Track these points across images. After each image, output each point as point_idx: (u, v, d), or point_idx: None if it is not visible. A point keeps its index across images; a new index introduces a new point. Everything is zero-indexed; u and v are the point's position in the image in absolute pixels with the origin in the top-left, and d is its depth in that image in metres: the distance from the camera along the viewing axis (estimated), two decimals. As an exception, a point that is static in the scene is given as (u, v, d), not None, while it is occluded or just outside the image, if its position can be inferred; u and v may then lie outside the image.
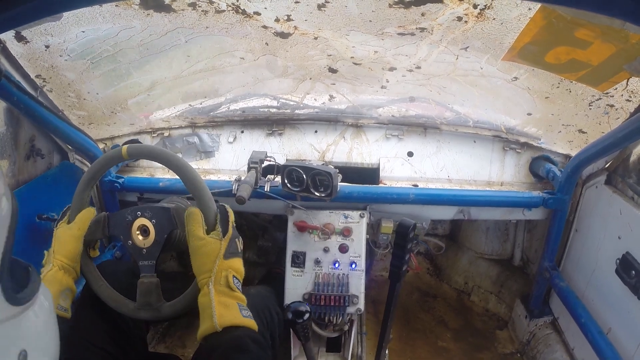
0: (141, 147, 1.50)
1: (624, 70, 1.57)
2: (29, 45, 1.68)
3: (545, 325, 2.52)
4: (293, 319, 1.76)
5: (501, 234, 3.07)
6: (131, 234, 1.47)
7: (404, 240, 1.70)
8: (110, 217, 1.51)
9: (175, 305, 1.45)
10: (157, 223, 1.46)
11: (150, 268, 1.46)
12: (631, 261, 1.82)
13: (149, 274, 1.45)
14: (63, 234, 1.46)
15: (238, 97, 2.39)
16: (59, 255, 1.42)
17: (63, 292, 1.40)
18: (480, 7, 1.43)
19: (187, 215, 1.39)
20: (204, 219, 1.39)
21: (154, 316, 1.46)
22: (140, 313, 1.46)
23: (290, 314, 1.75)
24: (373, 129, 2.46)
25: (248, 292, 1.86)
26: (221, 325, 1.25)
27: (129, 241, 1.47)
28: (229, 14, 1.58)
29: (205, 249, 1.36)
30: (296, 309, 1.76)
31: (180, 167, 1.42)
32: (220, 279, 1.32)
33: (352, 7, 1.49)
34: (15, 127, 1.89)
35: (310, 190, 2.01)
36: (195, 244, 1.36)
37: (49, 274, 1.38)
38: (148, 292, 1.44)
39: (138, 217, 1.47)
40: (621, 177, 1.98)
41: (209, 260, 1.34)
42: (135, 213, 1.47)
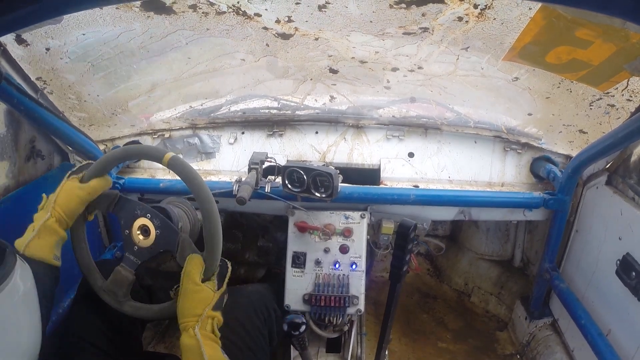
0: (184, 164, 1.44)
1: (625, 70, 1.56)
2: (30, 48, 1.68)
3: (545, 326, 2.51)
4: (289, 331, 1.75)
5: (502, 234, 3.06)
6: (132, 227, 1.48)
7: (405, 241, 1.69)
8: (121, 199, 1.52)
9: (137, 309, 1.48)
10: (160, 235, 1.47)
11: (133, 265, 1.48)
12: (632, 262, 1.82)
13: (129, 267, 1.47)
14: (72, 190, 1.46)
15: (239, 99, 2.39)
16: (59, 207, 1.42)
17: (57, 241, 1.42)
18: (481, 7, 1.43)
19: (190, 259, 1.39)
20: (205, 269, 1.39)
21: (113, 305, 1.49)
22: (103, 294, 1.49)
23: (286, 325, 1.75)
24: (374, 129, 2.46)
25: (246, 289, 1.87)
26: None
27: (126, 231, 1.49)
28: (229, 15, 1.58)
29: (199, 295, 1.37)
30: (292, 321, 1.75)
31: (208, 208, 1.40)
32: (207, 324, 1.34)
33: (352, 8, 1.49)
34: (16, 128, 1.89)
35: (311, 191, 2.01)
36: (190, 287, 1.36)
37: (48, 224, 1.39)
38: (120, 283, 1.47)
39: (147, 217, 1.47)
40: (622, 177, 1.98)
41: (199, 307, 1.35)
42: (145, 212, 1.48)
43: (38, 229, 1.38)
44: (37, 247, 1.36)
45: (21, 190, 1.90)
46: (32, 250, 1.35)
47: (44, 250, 1.37)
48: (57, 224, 1.41)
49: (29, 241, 1.35)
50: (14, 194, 1.86)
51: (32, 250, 1.35)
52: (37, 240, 1.37)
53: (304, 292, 2.10)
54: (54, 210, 1.41)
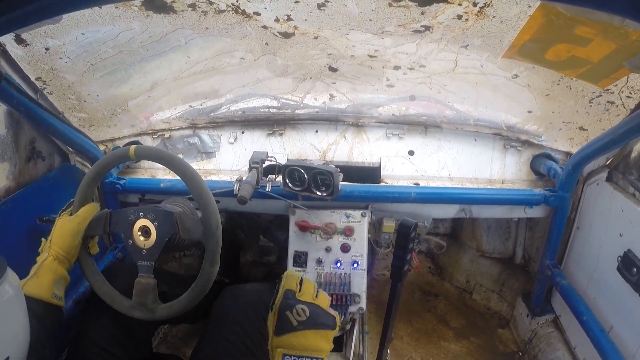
0: (149, 148, 1.50)
1: (624, 67, 1.56)
2: (29, 47, 1.68)
3: (546, 323, 2.51)
4: None
5: (502, 232, 3.06)
6: (132, 234, 1.48)
7: (406, 240, 1.69)
8: (112, 214, 1.53)
9: (170, 308, 1.47)
10: (159, 226, 1.47)
11: (149, 269, 1.47)
12: (633, 258, 1.82)
13: (146, 274, 1.47)
14: (63, 225, 1.48)
15: (238, 98, 2.38)
16: (56, 245, 1.44)
17: (57, 281, 1.42)
18: (480, 5, 1.43)
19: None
20: None
21: (147, 317, 1.48)
22: (134, 312, 1.48)
23: None
24: (374, 128, 2.46)
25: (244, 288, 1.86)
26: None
27: (129, 240, 1.49)
28: (228, 14, 1.58)
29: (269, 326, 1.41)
30: None
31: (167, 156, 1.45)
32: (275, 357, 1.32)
33: (352, 6, 1.49)
34: (16, 129, 1.89)
35: (312, 189, 2.01)
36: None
37: (45, 264, 1.41)
38: (144, 292, 1.45)
39: (140, 217, 1.48)
40: (622, 174, 1.98)
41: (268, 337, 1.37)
42: (137, 213, 1.48)
43: (36, 269, 1.40)
44: (35, 285, 1.37)
45: (22, 191, 1.90)
46: (29, 289, 1.35)
47: (41, 289, 1.38)
48: (56, 263, 1.43)
49: (26, 280, 1.37)
50: (14, 195, 1.86)
51: (30, 289, 1.36)
52: (35, 280, 1.38)
53: (305, 291, 2.09)
54: (50, 249, 1.44)
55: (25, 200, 1.90)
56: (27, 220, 1.90)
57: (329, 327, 1.36)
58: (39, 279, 1.38)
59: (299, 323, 1.33)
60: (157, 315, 1.47)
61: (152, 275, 1.47)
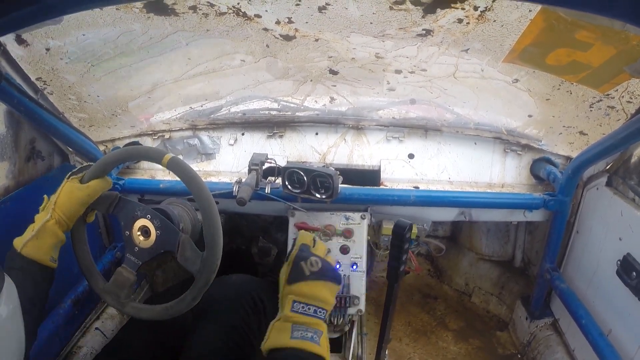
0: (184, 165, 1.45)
1: (625, 72, 1.56)
2: (30, 48, 1.68)
3: (545, 326, 2.51)
4: None
5: (502, 235, 3.06)
6: (132, 228, 1.48)
7: (401, 241, 1.69)
8: (121, 200, 1.52)
9: (139, 310, 1.48)
10: (160, 236, 1.47)
11: (134, 266, 1.48)
12: (632, 262, 1.82)
13: (130, 269, 1.47)
14: (72, 191, 1.47)
15: (239, 100, 2.39)
16: (59, 209, 1.43)
17: (56, 244, 1.43)
18: (481, 9, 1.43)
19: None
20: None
21: (116, 307, 1.50)
22: (106, 296, 1.49)
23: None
24: (374, 131, 2.46)
25: (230, 279, 1.85)
26: (265, 350, 1.29)
27: (127, 232, 1.49)
28: (229, 16, 1.58)
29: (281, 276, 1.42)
30: None
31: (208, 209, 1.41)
32: (283, 305, 1.34)
33: (352, 10, 1.49)
34: (16, 129, 1.89)
35: (311, 192, 2.00)
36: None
37: (47, 226, 1.40)
38: (122, 285, 1.47)
39: (146, 217, 1.48)
40: (622, 178, 1.98)
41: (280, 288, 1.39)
42: (145, 212, 1.48)
43: (37, 230, 1.38)
44: (35, 247, 1.37)
45: (21, 191, 1.90)
46: (29, 250, 1.36)
47: (40, 251, 1.38)
48: (57, 226, 1.42)
49: (27, 241, 1.36)
50: (13, 194, 1.86)
51: (29, 250, 1.36)
52: (35, 241, 1.38)
53: (304, 292, 2.09)
54: (54, 211, 1.42)
55: (25, 200, 1.90)
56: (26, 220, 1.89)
57: (336, 281, 1.42)
58: (40, 241, 1.38)
59: (311, 273, 1.37)
60: (125, 310, 1.48)
61: (134, 273, 1.48)
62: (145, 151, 1.53)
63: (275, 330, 1.29)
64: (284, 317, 1.32)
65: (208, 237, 1.39)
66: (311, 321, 1.33)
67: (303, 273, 1.36)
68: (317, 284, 1.37)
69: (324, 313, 1.36)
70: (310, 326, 1.31)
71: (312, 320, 1.33)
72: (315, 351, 1.27)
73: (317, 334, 1.30)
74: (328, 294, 1.39)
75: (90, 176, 1.50)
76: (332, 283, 1.41)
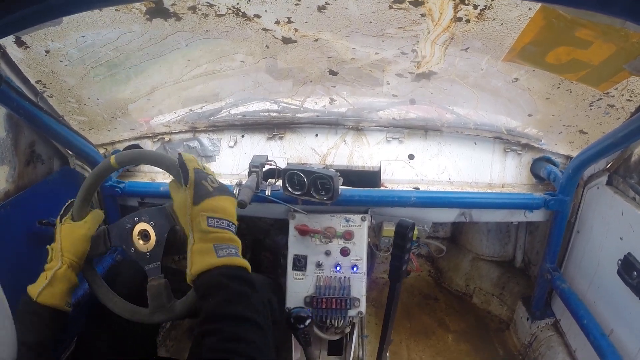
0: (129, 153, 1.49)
1: (625, 70, 1.56)
2: (29, 50, 1.68)
3: (547, 327, 2.51)
4: (294, 324, 1.75)
5: (502, 235, 3.06)
6: (133, 242, 1.47)
7: (403, 241, 1.69)
8: (110, 229, 1.52)
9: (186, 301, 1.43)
10: (156, 224, 1.46)
11: (156, 270, 1.45)
12: (633, 262, 1.82)
13: (156, 276, 1.44)
14: (72, 232, 1.47)
15: (238, 101, 2.39)
16: (68, 253, 1.43)
17: (70, 288, 1.44)
18: (481, 8, 1.43)
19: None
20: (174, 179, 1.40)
21: (169, 317, 1.45)
22: (154, 317, 1.45)
23: (292, 319, 1.75)
24: (374, 131, 2.46)
25: None
26: (193, 275, 1.24)
27: (131, 249, 1.47)
28: (229, 17, 1.58)
29: (179, 203, 1.38)
30: (297, 315, 1.76)
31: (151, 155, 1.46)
32: (196, 225, 1.29)
33: (352, 9, 1.50)
34: (16, 132, 1.88)
35: (312, 193, 2.00)
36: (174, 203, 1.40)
37: (60, 272, 1.40)
38: (158, 294, 1.43)
39: (137, 222, 1.47)
40: (622, 177, 1.98)
41: (184, 213, 1.34)
42: (133, 219, 1.47)
43: (50, 278, 1.39)
44: (50, 295, 1.38)
45: (21, 194, 1.90)
46: (45, 298, 1.37)
47: (56, 297, 1.39)
48: (70, 270, 1.43)
49: (42, 289, 1.37)
50: (14, 198, 1.85)
51: (45, 298, 1.37)
52: (50, 289, 1.39)
53: (305, 294, 2.09)
54: (64, 257, 1.43)
55: (25, 204, 1.90)
56: (27, 224, 1.90)
57: (234, 196, 1.42)
58: (54, 288, 1.39)
59: (214, 189, 1.35)
60: (177, 313, 1.44)
61: (162, 275, 1.45)
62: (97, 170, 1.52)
63: (197, 254, 1.25)
64: (201, 236, 1.28)
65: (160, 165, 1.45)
66: (229, 236, 1.31)
67: (207, 190, 1.33)
68: (222, 198, 1.35)
69: (235, 227, 1.35)
70: (230, 242, 1.30)
71: (229, 234, 1.31)
72: (241, 264, 1.27)
73: (237, 249, 1.30)
74: (233, 208, 1.38)
75: (76, 211, 1.52)
76: (232, 197, 1.40)
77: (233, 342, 1.12)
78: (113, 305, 1.50)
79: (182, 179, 1.35)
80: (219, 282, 1.21)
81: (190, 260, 1.25)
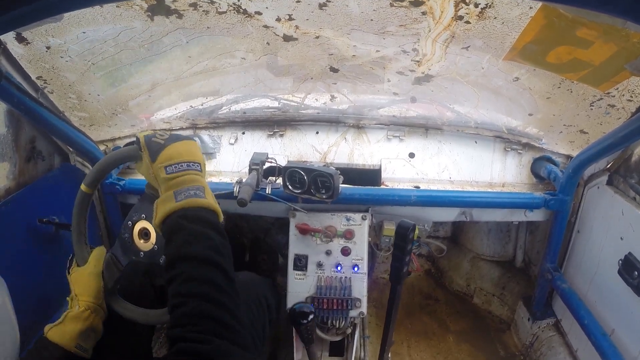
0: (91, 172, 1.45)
1: (625, 70, 1.56)
2: (30, 46, 1.67)
3: (548, 327, 2.51)
4: (297, 319, 1.75)
5: (503, 235, 3.06)
6: (138, 247, 1.44)
7: (404, 242, 1.69)
8: (114, 252, 1.47)
9: None
10: (147, 215, 1.42)
11: None
12: (634, 262, 1.81)
13: None
14: (80, 276, 1.45)
15: (239, 98, 2.39)
16: (82, 296, 1.41)
17: (84, 331, 1.39)
18: (482, 7, 1.43)
19: None
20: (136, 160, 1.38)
21: None
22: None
23: (295, 314, 1.75)
24: (374, 129, 2.46)
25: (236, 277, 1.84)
26: (157, 226, 1.22)
27: (140, 254, 1.43)
28: (230, 14, 1.58)
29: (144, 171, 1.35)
30: (300, 310, 1.76)
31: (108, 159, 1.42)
32: (159, 180, 1.27)
33: (353, 6, 1.49)
34: (16, 128, 1.88)
35: (312, 192, 2.00)
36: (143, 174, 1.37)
37: (74, 312, 1.38)
38: None
39: (131, 227, 1.43)
40: (623, 177, 1.97)
41: (149, 175, 1.32)
42: (127, 226, 1.44)
43: (64, 317, 1.38)
44: (58, 332, 1.36)
45: (22, 191, 1.90)
46: (53, 335, 1.35)
47: (64, 337, 1.36)
48: (89, 312, 1.40)
49: (52, 326, 1.36)
50: (15, 195, 1.85)
51: (53, 335, 1.35)
52: (61, 327, 1.37)
53: (306, 294, 2.09)
54: (80, 302, 1.40)
55: (26, 201, 1.90)
56: (27, 221, 1.90)
57: (189, 138, 1.37)
58: (64, 327, 1.37)
59: (165, 140, 1.32)
60: None
61: None
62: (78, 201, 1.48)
63: (159, 205, 1.23)
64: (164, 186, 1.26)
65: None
66: (190, 178, 1.27)
67: (159, 144, 1.31)
68: (176, 145, 1.31)
69: (199, 166, 1.32)
70: (192, 184, 1.26)
71: (190, 176, 1.28)
72: (203, 204, 1.23)
73: (200, 190, 1.26)
74: (190, 148, 1.34)
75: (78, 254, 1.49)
76: (188, 140, 1.36)
77: (192, 283, 1.08)
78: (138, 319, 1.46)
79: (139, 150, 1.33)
80: (175, 224, 1.18)
81: (154, 213, 1.23)
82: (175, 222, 1.18)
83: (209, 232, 1.18)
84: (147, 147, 1.31)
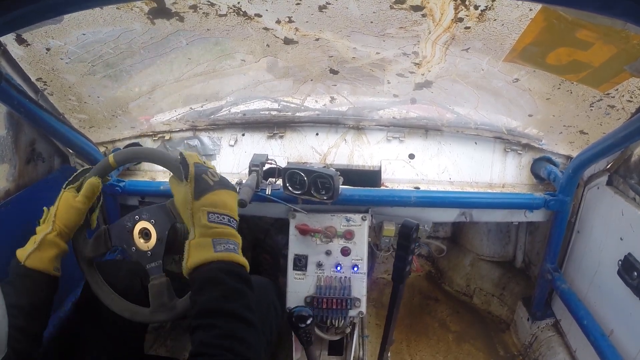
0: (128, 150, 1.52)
1: (625, 71, 1.56)
2: (30, 48, 1.67)
3: (547, 327, 2.51)
4: (296, 323, 1.75)
5: (503, 236, 3.06)
6: (134, 241, 1.46)
7: (407, 241, 1.69)
8: (110, 229, 1.51)
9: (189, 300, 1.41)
10: (157, 222, 1.44)
11: (158, 269, 1.44)
12: (633, 262, 1.82)
13: (157, 274, 1.43)
14: (68, 202, 1.47)
15: (239, 100, 2.39)
16: (60, 222, 1.44)
17: (59, 254, 1.44)
18: (481, 9, 1.43)
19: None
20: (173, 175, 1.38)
21: (170, 316, 1.44)
22: (156, 316, 1.45)
23: (293, 318, 1.75)
24: (374, 131, 2.46)
25: None
26: (189, 268, 1.23)
27: (132, 248, 1.46)
28: (230, 16, 1.58)
29: (179, 199, 1.35)
30: (299, 314, 1.76)
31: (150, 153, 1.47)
32: (197, 221, 1.28)
33: (353, 9, 1.49)
34: (16, 130, 1.88)
35: (312, 193, 2.00)
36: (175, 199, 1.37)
37: (49, 238, 1.41)
38: (160, 293, 1.42)
39: (137, 221, 1.45)
40: (622, 177, 1.97)
41: (185, 208, 1.32)
42: (133, 218, 1.46)
43: (39, 242, 1.40)
44: (38, 259, 1.39)
45: (22, 193, 1.90)
46: (32, 262, 1.38)
47: (44, 262, 1.39)
48: (59, 238, 1.43)
49: (30, 253, 1.38)
50: (14, 197, 1.85)
51: (33, 262, 1.38)
52: (38, 253, 1.39)
53: (305, 294, 2.09)
54: (55, 224, 1.43)
55: (25, 203, 1.90)
56: (27, 223, 1.89)
57: (235, 190, 1.39)
58: (43, 253, 1.39)
59: (215, 183, 1.34)
60: (178, 311, 1.42)
61: (163, 274, 1.44)
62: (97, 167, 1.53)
63: (194, 248, 1.24)
64: (202, 231, 1.26)
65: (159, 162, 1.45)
66: (229, 231, 1.29)
67: (208, 184, 1.32)
68: (222, 192, 1.33)
69: (236, 223, 1.34)
70: (230, 238, 1.28)
71: (229, 230, 1.29)
72: (240, 261, 1.26)
73: (237, 246, 1.29)
74: (234, 202, 1.36)
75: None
76: (234, 192, 1.38)
77: (228, 339, 1.10)
78: (113, 305, 1.50)
79: (183, 174, 1.34)
80: (215, 276, 1.20)
81: (187, 254, 1.24)
82: (214, 273, 1.21)
83: (245, 289, 1.22)
84: (195, 180, 1.32)
